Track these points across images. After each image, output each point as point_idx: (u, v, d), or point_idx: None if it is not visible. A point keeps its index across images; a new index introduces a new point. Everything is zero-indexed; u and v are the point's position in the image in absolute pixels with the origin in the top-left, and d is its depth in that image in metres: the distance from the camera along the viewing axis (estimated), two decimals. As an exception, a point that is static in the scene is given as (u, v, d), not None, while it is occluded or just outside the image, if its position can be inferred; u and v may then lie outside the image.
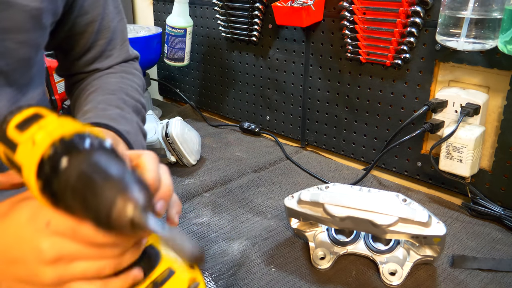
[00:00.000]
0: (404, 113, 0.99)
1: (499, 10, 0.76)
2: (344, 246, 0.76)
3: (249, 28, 1.23)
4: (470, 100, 0.87)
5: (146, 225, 0.34)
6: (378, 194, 0.72)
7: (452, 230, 0.84)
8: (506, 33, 0.75)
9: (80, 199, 0.35)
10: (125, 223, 0.34)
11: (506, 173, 0.87)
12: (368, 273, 0.73)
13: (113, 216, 0.34)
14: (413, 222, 0.68)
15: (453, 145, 0.87)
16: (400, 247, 0.74)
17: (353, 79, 1.06)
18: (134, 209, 0.34)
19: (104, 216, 0.34)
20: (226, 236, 0.83)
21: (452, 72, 0.91)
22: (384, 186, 1.01)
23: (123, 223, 0.34)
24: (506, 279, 0.71)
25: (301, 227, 0.78)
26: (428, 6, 0.89)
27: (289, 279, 0.72)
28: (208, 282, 0.71)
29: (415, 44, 0.93)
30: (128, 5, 1.68)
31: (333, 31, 1.06)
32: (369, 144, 1.07)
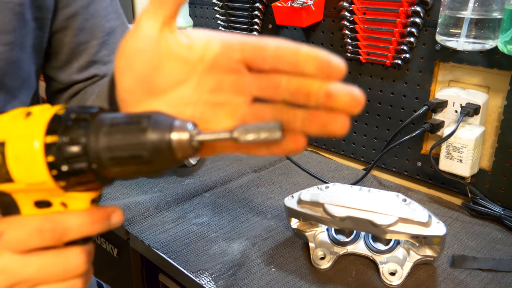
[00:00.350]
0: (404, 113, 0.99)
1: (499, 10, 0.76)
2: (344, 246, 0.76)
3: (249, 28, 1.23)
4: (470, 100, 0.87)
5: (212, 137, 0.31)
6: (378, 194, 0.72)
7: (452, 230, 0.84)
8: (506, 33, 0.75)
9: (126, 155, 0.31)
10: (190, 147, 0.31)
11: (506, 173, 0.87)
12: (368, 273, 0.73)
13: (176, 148, 0.30)
14: (413, 222, 0.68)
15: (453, 145, 0.87)
16: (400, 247, 0.74)
17: (353, 79, 1.06)
18: (190, 131, 0.31)
19: (167, 154, 0.30)
20: (226, 236, 0.83)
21: (452, 72, 0.91)
22: (384, 186, 1.01)
23: (188, 148, 0.31)
24: (506, 279, 0.71)
25: (301, 227, 0.78)
26: (428, 6, 0.89)
27: (289, 279, 0.72)
28: (208, 282, 0.71)
29: (415, 44, 0.93)
30: (128, 5, 1.68)
31: (333, 31, 1.06)
32: (369, 144, 1.07)
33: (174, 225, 0.86)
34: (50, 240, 0.34)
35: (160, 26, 0.33)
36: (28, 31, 0.52)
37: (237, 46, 0.33)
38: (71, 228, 0.34)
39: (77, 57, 0.61)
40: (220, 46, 0.33)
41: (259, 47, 0.33)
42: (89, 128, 0.31)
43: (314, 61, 0.30)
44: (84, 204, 0.34)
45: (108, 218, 0.36)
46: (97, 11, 0.60)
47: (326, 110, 0.31)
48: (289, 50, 0.31)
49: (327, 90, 0.31)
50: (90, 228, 0.35)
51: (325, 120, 0.31)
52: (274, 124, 0.30)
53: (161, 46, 0.33)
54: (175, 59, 0.34)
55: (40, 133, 0.31)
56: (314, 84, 0.31)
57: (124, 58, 0.34)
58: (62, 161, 0.31)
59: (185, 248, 0.79)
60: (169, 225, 0.86)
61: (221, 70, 0.34)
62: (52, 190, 0.33)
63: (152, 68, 0.33)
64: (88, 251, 0.37)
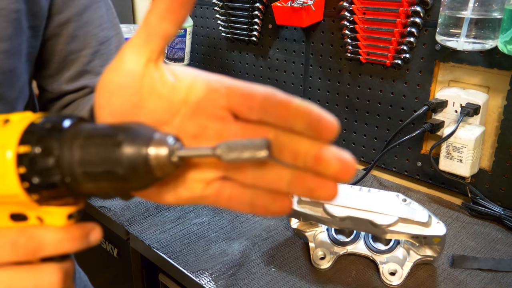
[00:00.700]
0: (404, 113, 0.99)
1: (499, 10, 0.76)
2: (344, 246, 0.76)
3: (249, 28, 1.23)
4: (470, 100, 0.87)
5: (194, 153, 0.28)
6: (378, 194, 0.72)
7: (452, 230, 0.84)
8: (506, 33, 0.75)
9: (100, 170, 0.28)
10: (170, 163, 0.28)
11: (506, 173, 0.87)
12: (368, 273, 0.73)
13: (153, 164, 0.28)
14: (413, 222, 0.68)
15: (453, 145, 0.87)
16: (400, 247, 0.74)
17: (353, 79, 1.06)
18: (169, 146, 0.28)
19: (143, 171, 0.28)
20: (226, 236, 0.83)
21: (452, 72, 0.91)
22: (384, 186, 1.01)
23: (168, 165, 0.28)
24: (506, 279, 0.71)
25: (301, 227, 0.78)
26: (428, 6, 0.89)
27: (289, 279, 0.72)
28: (208, 282, 0.71)
29: (415, 44, 0.93)
30: (128, 5, 1.68)
31: (333, 31, 1.06)
32: (369, 144, 1.07)
33: (174, 225, 0.86)
34: (23, 254, 0.32)
35: (145, 61, 0.30)
36: (23, 39, 0.50)
37: (223, 91, 0.30)
38: (47, 243, 0.32)
39: (68, 66, 0.58)
40: (205, 88, 0.31)
41: (246, 95, 0.30)
42: (63, 139, 0.29)
43: (304, 117, 0.28)
44: (60, 219, 0.32)
45: (86, 235, 0.34)
46: (91, 19, 0.58)
47: (314, 174, 0.28)
48: (279, 102, 0.29)
49: (316, 154, 0.28)
50: (67, 245, 0.33)
51: (312, 185, 0.29)
52: (261, 141, 0.27)
53: (144, 83, 0.30)
54: (157, 98, 0.31)
55: (13, 142, 0.29)
56: (303, 143, 0.28)
57: (103, 92, 0.31)
58: (34, 173, 0.29)
59: (185, 248, 0.79)
60: (169, 225, 0.86)
61: (205, 115, 0.31)
62: (26, 203, 0.31)
63: (132, 106, 0.31)
64: (65, 270, 0.34)
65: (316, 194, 0.29)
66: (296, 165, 0.29)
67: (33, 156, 0.29)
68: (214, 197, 0.32)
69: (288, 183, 0.29)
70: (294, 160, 0.29)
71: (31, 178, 0.29)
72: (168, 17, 0.29)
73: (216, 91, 0.30)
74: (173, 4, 0.29)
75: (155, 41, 0.30)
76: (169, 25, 0.29)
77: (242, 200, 0.31)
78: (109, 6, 0.61)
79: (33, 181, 0.29)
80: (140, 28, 0.30)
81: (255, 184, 0.30)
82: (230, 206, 0.31)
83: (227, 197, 0.31)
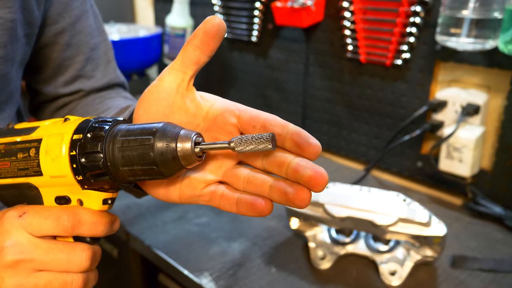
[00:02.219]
0: (404, 113, 0.99)
1: (499, 10, 0.76)
2: (344, 246, 0.76)
3: (249, 28, 1.23)
4: (470, 100, 0.87)
5: (212, 146, 0.35)
6: (378, 194, 0.72)
7: (452, 230, 0.84)
8: (506, 33, 0.75)
9: (136, 153, 0.35)
10: (194, 155, 0.34)
11: (507, 173, 0.87)
12: (368, 273, 0.73)
13: (180, 155, 0.34)
14: (414, 222, 0.68)
15: (453, 145, 0.87)
16: (400, 247, 0.73)
17: (353, 79, 1.05)
18: (193, 140, 0.34)
19: (171, 160, 0.34)
20: (226, 236, 0.82)
21: (452, 72, 0.91)
22: (384, 186, 1.01)
23: (191, 155, 0.34)
24: (506, 280, 0.71)
25: (301, 227, 0.78)
26: (428, 6, 0.88)
27: (289, 279, 0.72)
28: (208, 282, 0.71)
29: (415, 44, 0.93)
30: (128, 5, 1.68)
31: (333, 31, 1.06)
32: (369, 144, 1.07)
33: (174, 225, 0.86)
34: (63, 228, 0.38)
35: (179, 81, 0.38)
36: (18, 46, 0.53)
37: (235, 112, 0.38)
38: (84, 222, 0.39)
39: (63, 72, 0.63)
40: (222, 109, 0.38)
41: (253, 117, 0.37)
42: (108, 131, 0.36)
43: (294, 137, 0.34)
44: (96, 202, 0.39)
45: (112, 223, 0.41)
46: (83, 28, 0.63)
47: (292, 182, 0.34)
48: (277, 124, 0.35)
49: (297, 163, 0.34)
50: (99, 227, 0.39)
51: (288, 191, 0.34)
52: (267, 136, 0.33)
53: (175, 99, 0.38)
54: (185, 112, 0.39)
55: (70, 131, 0.37)
56: (288, 157, 0.35)
57: (144, 103, 0.39)
58: (82, 155, 0.36)
59: (185, 248, 0.79)
60: (169, 225, 0.86)
61: (218, 130, 0.38)
62: (71, 185, 0.38)
63: (163, 116, 0.38)
64: (94, 251, 0.40)
65: (290, 199, 0.34)
66: (279, 174, 0.35)
67: (83, 142, 0.36)
68: (209, 195, 0.38)
69: (269, 188, 0.35)
70: (279, 170, 0.35)
71: (80, 159, 0.36)
72: (201, 48, 0.37)
73: (230, 112, 0.38)
74: (205, 37, 0.37)
75: (189, 66, 0.38)
76: (201, 54, 0.37)
77: (231, 199, 0.37)
78: (95, 14, 0.66)
79: (81, 161, 0.36)
80: (179, 55, 0.38)
81: (244, 189, 0.37)
82: (220, 205, 0.37)
83: (219, 196, 0.37)
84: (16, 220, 0.38)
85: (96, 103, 0.63)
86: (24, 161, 0.39)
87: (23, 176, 0.39)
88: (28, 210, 0.39)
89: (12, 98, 0.56)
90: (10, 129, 0.42)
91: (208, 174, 0.38)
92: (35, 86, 0.65)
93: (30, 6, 0.53)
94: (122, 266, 0.98)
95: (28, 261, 0.38)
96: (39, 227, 0.38)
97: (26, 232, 0.38)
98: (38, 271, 0.39)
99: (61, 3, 0.59)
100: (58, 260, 0.38)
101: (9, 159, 0.40)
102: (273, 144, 0.33)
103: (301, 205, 0.34)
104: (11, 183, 0.41)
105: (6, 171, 0.40)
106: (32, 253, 0.38)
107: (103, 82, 0.66)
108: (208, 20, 0.37)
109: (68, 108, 0.65)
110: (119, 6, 1.66)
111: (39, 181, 0.39)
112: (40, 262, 0.38)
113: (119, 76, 0.69)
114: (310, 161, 0.34)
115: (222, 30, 0.37)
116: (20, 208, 0.39)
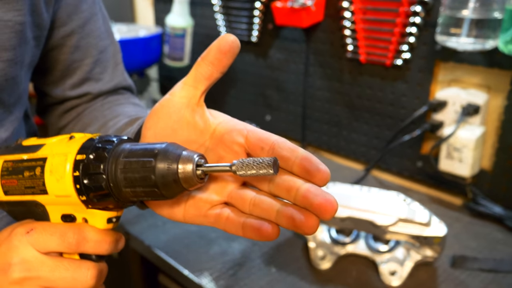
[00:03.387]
0: (404, 113, 0.99)
1: (499, 10, 0.76)
2: (344, 246, 0.76)
3: (249, 28, 1.23)
4: (470, 100, 0.87)
5: (214, 168, 0.35)
6: (378, 194, 0.72)
7: (452, 230, 0.84)
8: (506, 33, 0.75)
9: (138, 176, 0.35)
10: (195, 177, 0.34)
11: (507, 173, 0.87)
12: (368, 273, 0.73)
13: (181, 177, 0.34)
14: (414, 222, 0.68)
15: (453, 145, 0.87)
16: (400, 247, 0.73)
17: (353, 79, 1.05)
18: (194, 162, 0.34)
19: (172, 181, 0.34)
20: (226, 236, 0.82)
21: (452, 72, 0.91)
22: (384, 186, 1.01)
23: (193, 178, 0.34)
24: (507, 280, 0.71)
25: (301, 227, 0.78)
26: (428, 6, 0.88)
27: (289, 279, 0.72)
28: (209, 282, 0.71)
29: (415, 44, 0.93)
30: (128, 5, 1.68)
31: (333, 31, 1.06)
32: (369, 144, 1.07)
33: (174, 225, 0.86)
34: (68, 245, 0.38)
35: (191, 97, 0.38)
36: (27, 49, 0.53)
37: (243, 132, 0.37)
38: (89, 239, 0.39)
39: (71, 74, 0.63)
40: (230, 127, 0.38)
41: (262, 138, 0.36)
42: (111, 152, 0.36)
43: (304, 162, 0.34)
44: (101, 221, 0.39)
45: (117, 241, 0.41)
46: (92, 30, 0.62)
47: (300, 208, 0.33)
48: (286, 148, 0.35)
49: (306, 189, 0.33)
50: (104, 246, 0.40)
51: (296, 217, 0.33)
52: (269, 160, 0.33)
53: (185, 114, 0.38)
54: (193, 128, 0.39)
55: (73, 151, 0.37)
56: (297, 182, 0.34)
57: (154, 117, 0.39)
58: (85, 176, 0.36)
59: (185, 248, 0.79)
60: (169, 225, 0.86)
61: (224, 148, 0.38)
62: (76, 205, 0.38)
63: (172, 131, 0.39)
64: (100, 268, 0.40)
65: (298, 226, 0.33)
66: (288, 199, 0.34)
67: (86, 163, 0.36)
68: (215, 218, 0.38)
69: (277, 212, 0.34)
70: (287, 195, 0.34)
71: (83, 180, 0.36)
72: (214, 63, 0.38)
73: (238, 131, 0.37)
74: (219, 54, 0.37)
75: (201, 81, 0.38)
76: (214, 69, 0.38)
77: (237, 223, 0.36)
78: (104, 16, 0.65)
79: (84, 182, 0.36)
80: (191, 70, 0.38)
81: (250, 212, 0.36)
82: (226, 227, 0.37)
83: (225, 219, 0.37)
84: (24, 237, 0.39)
85: (105, 109, 0.63)
86: (30, 180, 0.39)
87: (30, 194, 0.40)
88: (35, 227, 0.39)
89: (21, 100, 0.56)
90: (18, 146, 0.42)
91: (213, 194, 0.38)
92: (43, 88, 0.65)
93: (39, 9, 0.53)
94: (122, 266, 0.98)
95: (34, 279, 0.38)
96: (45, 243, 0.38)
97: (33, 249, 0.39)
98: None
99: (71, 6, 0.59)
100: (64, 278, 0.39)
101: (16, 177, 0.40)
102: (275, 169, 0.33)
103: (309, 232, 0.33)
104: (19, 200, 0.42)
105: (14, 189, 0.41)
106: (39, 270, 0.38)
107: (111, 85, 0.66)
108: (223, 38, 0.37)
109: (76, 111, 0.65)
110: (119, 6, 1.66)
111: (45, 200, 0.40)
112: (46, 280, 0.38)
113: (127, 79, 0.68)
114: (320, 188, 0.33)
115: (236, 47, 0.37)
116: (28, 224, 0.40)
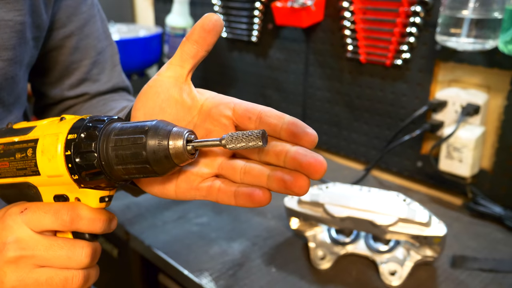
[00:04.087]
0: (404, 113, 0.99)
1: (499, 10, 0.76)
2: (344, 246, 0.76)
3: (249, 28, 1.23)
4: (470, 100, 0.87)
5: (204, 143, 0.35)
6: (378, 194, 0.72)
7: (452, 230, 0.84)
8: (506, 33, 0.75)
9: (129, 153, 0.35)
10: (186, 152, 0.35)
11: (507, 173, 0.87)
12: (368, 273, 0.73)
13: (172, 153, 0.34)
14: (414, 222, 0.68)
15: (453, 145, 0.87)
16: (400, 247, 0.73)
17: (353, 79, 1.05)
18: (185, 138, 0.35)
19: (163, 158, 0.34)
20: (226, 236, 0.82)
21: (452, 72, 0.91)
22: (384, 186, 1.01)
23: (183, 153, 0.35)
24: (507, 280, 0.71)
25: (301, 227, 0.78)
26: (428, 6, 0.88)
27: (289, 279, 0.72)
28: (208, 282, 0.71)
29: (415, 44, 0.93)
30: (128, 5, 1.68)
31: (333, 31, 1.06)
32: (370, 144, 1.07)
33: (174, 225, 0.86)
34: (62, 222, 0.39)
35: (178, 76, 0.39)
36: (27, 49, 0.54)
37: (230, 105, 0.38)
38: (82, 217, 0.39)
39: (69, 75, 0.64)
40: (217, 102, 0.39)
41: (248, 109, 0.37)
42: (102, 130, 0.36)
43: (291, 127, 0.34)
44: (94, 200, 0.40)
45: (110, 221, 0.41)
46: (91, 32, 0.63)
47: (290, 171, 0.34)
48: (273, 115, 0.35)
49: (295, 151, 0.34)
50: (98, 224, 0.40)
51: (287, 179, 0.34)
52: (257, 132, 0.33)
53: (173, 93, 0.39)
54: (181, 106, 0.39)
55: (64, 131, 0.37)
56: (286, 146, 0.35)
57: (142, 98, 0.40)
58: (77, 154, 0.36)
59: (186, 248, 0.79)
60: (169, 225, 0.86)
61: (212, 122, 0.38)
62: (68, 184, 0.38)
63: (160, 109, 0.39)
64: (94, 247, 0.41)
65: (289, 187, 0.34)
66: (277, 164, 0.35)
67: (77, 142, 0.36)
68: (206, 190, 0.38)
69: (267, 177, 0.35)
70: (277, 160, 0.35)
71: (75, 159, 0.36)
72: (199, 42, 0.38)
73: (225, 104, 0.38)
74: (202, 32, 0.38)
75: (187, 60, 0.39)
76: (199, 48, 0.38)
77: (229, 192, 0.37)
78: (102, 18, 0.66)
79: (76, 161, 0.36)
80: (177, 51, 0.39)
81: (242, 180, 0.37)
82: (218, 198, 0.37)
83: (216, 190, 0.37)
84: (18, 216, 0.39)
85: (99, 105, 0.64)
86: (22, 161, 0.40)
87: (22, 175, 0.40)
88: (29, 206, 0.40)
89: (20, 100, 0.57)
90: (9, 129, 0.42)
91: (204, 167, 0.38)
92: (41, 88, 0.65)
93: (39, 10, 0.53)
94: (122, 266, 0.98)
95: (29, 257, 0.39)
96: (39, 221, 0.39)
97: (28, 228, 0.39)
98: (40, 267, 0.39)
99: (70, 7, 0.59)
100: (58, 256, 0.39)
101: (7, 159, 0.41)
102: (264, 141, 0.33)
103: (299, 192, 0.34)
104: (11, 182, 0.42)
105: (6, 171, 0.41)
106: (34, 249, 0.39)
107: (108, 86, 0.66)
108: (206, 16, 0.38)
109: (72, 110, 0.66)
110: (119, 6, 1.66)
111: (37, 181, 0.40)
112: (41, 258, 0.39)
113: (124, 80, 0.69)
114: (308, 150, 0.34)
115: (219, 26, 0.38)
116: (21, 204, 0.40)
